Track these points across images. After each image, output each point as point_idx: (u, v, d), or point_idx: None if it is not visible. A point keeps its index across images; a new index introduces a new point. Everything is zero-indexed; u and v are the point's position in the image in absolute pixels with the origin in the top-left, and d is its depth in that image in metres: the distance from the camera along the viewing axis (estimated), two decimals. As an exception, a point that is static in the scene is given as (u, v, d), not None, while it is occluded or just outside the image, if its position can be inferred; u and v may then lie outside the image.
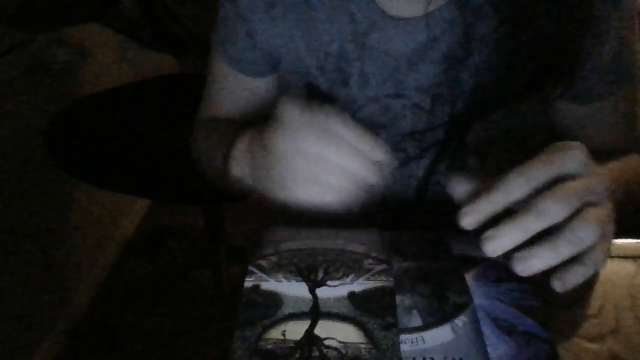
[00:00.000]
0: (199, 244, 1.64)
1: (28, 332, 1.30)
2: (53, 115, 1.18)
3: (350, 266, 0.38)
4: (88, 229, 1.54)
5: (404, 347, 0.33)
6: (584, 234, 0.34)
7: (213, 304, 1.48)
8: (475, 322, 0.35)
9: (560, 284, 0.35)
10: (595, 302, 0.46)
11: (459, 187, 0.40)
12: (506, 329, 0.35)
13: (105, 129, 1.18)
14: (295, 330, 0.34)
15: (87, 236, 1.54)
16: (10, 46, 1.19)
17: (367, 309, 0.35)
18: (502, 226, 0.35)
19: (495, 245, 0.35)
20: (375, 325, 0.34)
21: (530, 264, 0.34)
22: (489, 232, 0.35)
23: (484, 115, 0.54)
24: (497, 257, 0.36)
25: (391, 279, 0.38)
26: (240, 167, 0.49)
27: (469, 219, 0.36)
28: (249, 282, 0.37)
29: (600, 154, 0.53)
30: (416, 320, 0.35)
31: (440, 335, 0.35)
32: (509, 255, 0.35)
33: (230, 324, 0.35)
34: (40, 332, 1.35)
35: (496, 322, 0.35)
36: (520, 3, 0.50)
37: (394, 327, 0.34)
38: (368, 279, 0.37)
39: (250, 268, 0.38)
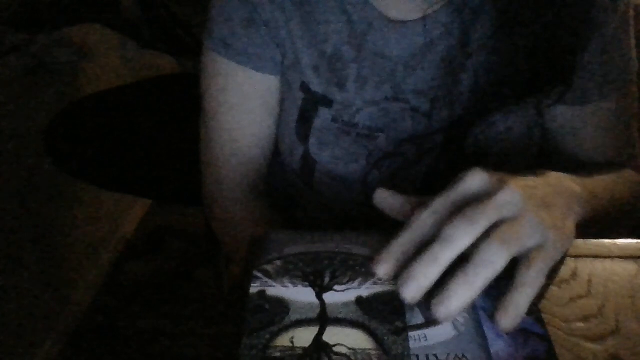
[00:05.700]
0: (199, 244, 1.63)
1: (28, 332, 1.30)
2: (53, 115, 1.18)
3: (356, 270, 0.38)
4: (88, 229, 1.54)
5: None
6: (490, 255, 0.32)
7: (213, 304, 1.48)
8: (476, 318, 0.35)
9: (506, 321, 0.32)
10: (595, 302, 0.46)
11: (386, 201, 0.39)
12: None
13: (106, 128, 1.18)
14: (303, 337, 0.33)
15: (87, 236, 1.53)
16: (10, 46, 1.19)
17: (375, 314, 0.35)
18: (412, 264, 0.33)
19: (414, 288, 0.32)
20: (384, 330, 0.34)
21: (450, 304, 0.31)
22: (402, 276, 0.33)
23: (483, 118, 0.54)
24: (420, 304, 0.33)
25: None
26: None
27: (383, 268, 0.34)
28: (254, 288, 0.37)
29: (585, 167, 0.53)
30: (418, 317, 0.35)
31: (442, 332, 0.34)
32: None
33: (230, 325, 0.35)
34: (40, 332, 1.35)
35: (494, 319, 0.35)
36: (517, 5, 0.49)
37: (404, 332, 0.34)
38: (375, 283, 0.36)
39: (255, 273, 0.38)
